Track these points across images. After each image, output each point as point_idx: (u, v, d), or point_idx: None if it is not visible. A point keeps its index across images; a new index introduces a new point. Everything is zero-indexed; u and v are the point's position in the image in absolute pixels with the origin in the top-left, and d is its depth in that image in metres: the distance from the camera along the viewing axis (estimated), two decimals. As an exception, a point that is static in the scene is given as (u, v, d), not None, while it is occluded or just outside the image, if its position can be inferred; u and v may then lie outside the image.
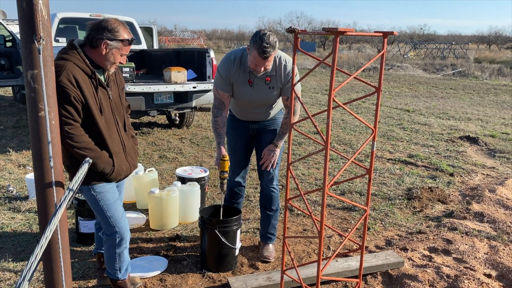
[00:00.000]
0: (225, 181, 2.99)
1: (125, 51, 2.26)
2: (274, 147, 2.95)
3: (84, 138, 2.18)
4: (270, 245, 3.22)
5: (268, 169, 3.01)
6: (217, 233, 2.85)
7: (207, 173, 4.01)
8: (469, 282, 2.77)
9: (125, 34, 2.22)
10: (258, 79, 2.83)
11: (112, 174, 2.32)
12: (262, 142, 3.07)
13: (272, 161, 2.96)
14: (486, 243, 3.40)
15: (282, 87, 2.86)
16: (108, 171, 2.29)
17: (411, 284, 2.78)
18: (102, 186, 2.34)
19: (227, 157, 2.91)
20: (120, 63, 2.29)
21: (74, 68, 2.11)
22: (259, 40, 2.56)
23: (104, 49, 2.19)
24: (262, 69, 2.69)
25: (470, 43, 40.30)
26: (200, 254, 3.05)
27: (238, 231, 2.97)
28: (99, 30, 2.17)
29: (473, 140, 6.87)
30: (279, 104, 3.05)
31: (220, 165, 2.92)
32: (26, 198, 4.11)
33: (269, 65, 2.70)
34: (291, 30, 1.76)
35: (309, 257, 3.22)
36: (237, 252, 3.01)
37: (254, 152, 3.22)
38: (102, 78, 2.29)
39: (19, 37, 1.87)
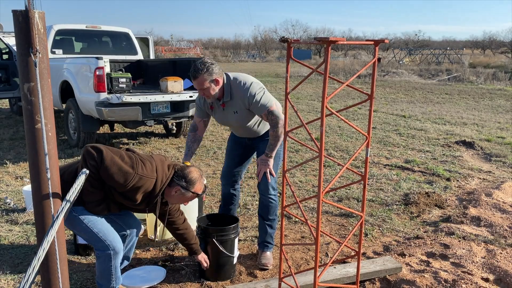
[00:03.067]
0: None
1: (190, 200, 2.58)
2: (266, 157, 2.97)
3: (95, 198, 2.42)
4: (268, 252, 3.22)
5: (260, 180, 3.05)
6: (215, 241, 2.85)
7: (205, 182, 4.01)
8: (466, 286, 2.78)
9: (198, 189, 2.52)
10: (217, 105, 2.99)
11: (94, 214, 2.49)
12: (259, 152, 3.14)
13: (265, 170, 2.98)
14: (484, 247, 3.41)
15: (249, 107, 2.90)
16: (96, 212, 2.47)
17: (409, 289, 2.79)
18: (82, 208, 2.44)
19: None
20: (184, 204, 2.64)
21: (152, 183, 2.38)
22: (192, 65, 2.81)
23: (175, 193, 2.46)
24: (201, 93, 2.86)
25: (464, 48, 40.63)
26: (198, 263, 3.05)
27: (236, 240, 2.98)
28: (179, 176, 2.45)
29: (469, 145, 6.91)
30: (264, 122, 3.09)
31: None
32: (23, 210, 4.10)
33: (208, 91, 2.80)
34: (284, 40, 1.79)
35: (307, 264, 3.23)
36: (235, 260, 3.01)
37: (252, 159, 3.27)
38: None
39: (15, 50, 1.90)
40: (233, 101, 2.91)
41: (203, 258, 2.85)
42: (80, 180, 1.94)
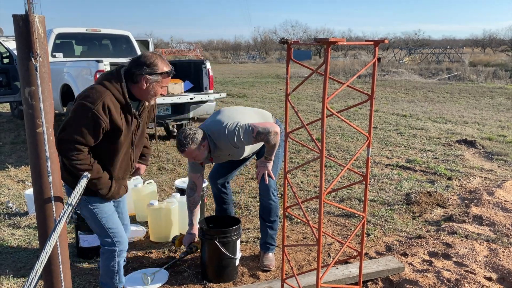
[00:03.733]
0: (187, 254, 3.17)
1: (165, 83, 2.34)
2: (265, 160, 2.96)
3: (88, 161, 2.22)
4: (270, 254, 3.23)
5: (259, 182, 3.05)
6: (217, 243, 2.85)
7: (206, 183, 4.02)
8: (469, 286, 2.78)
9: (164, 67, 2.29)
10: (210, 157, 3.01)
11: (107, 196, 2.37)
12: (259, 155, 3.16)
13: (264, 172, 2.97)
14: (486, 246, 3.41)
15: (240, 147, 2.90)
16: (104, 193, 2.35)
17: (412, 289, 2.78)
18: (99, 199, 2.38)
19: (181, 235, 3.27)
20: (162, 94, 2.40)
21: (111, 99, 2.17)
22: (177, 136, 2.79)
23: (145, 84, 2.27)
24: (193, 160, 2.88)
25: (464, 47, 40.59)
26: (201, 265, 3.05)
27: (238, 241, 2.98)
28: (138, 66, 2.25)
29: (470, 144, 6.90)
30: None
31: (175, 243, 3.29)
32: (25, 214, 4.11)
33: (195, 157, 2.82)
34: (284, 42, 1.79)
35: (310, 265, 3.23)
36: (237, 262, 3.01)
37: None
38: (135, 109, 2.36)
39: (16, 53, 1.90)
40: (221, 149, 2.93)
41: (143, 168, 2.76)
42: (82, 184, 1.94)
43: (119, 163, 2.36)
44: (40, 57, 1.69)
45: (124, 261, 2.62)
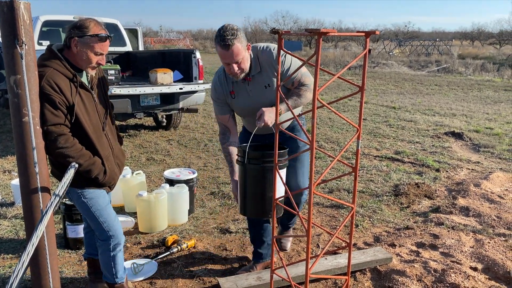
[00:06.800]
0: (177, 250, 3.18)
1: (99, 49, 2.15)
2: (272, 108, 2.40)
3: (77, 147, 2.16)
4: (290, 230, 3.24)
5: (261, 124, 2.41)
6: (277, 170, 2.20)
7: (195, 174, 4.00)
8: (455, 276, 2.82)
9: (96, 30, 2.12)
10: (241, 86, 2.54)
11: (105, 179, 2.31)
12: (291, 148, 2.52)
13: (265, 118, 2.38)
14: (472, 237, 3.46)
15: (281, 77, 2.42)
16: (102, 177, 2.28)
17: (399, 279, 2.82)
18: (93, 192, 2.32)
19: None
20: (98, 64, 2.20)
21: (54, 73, 2.07)
22: (217, 33, 2.32)
23: (75, 47, 2.12)
24: (236, 68, 2.37)
25: (453, 40, 40.88)
26: (241, 198, 2.45)
27: (285, 170, 2.41)
28: (70, 29, 2.13)
29: (458, 136, 6.97)
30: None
31: (165, 242, 3.24)
32: (12, 204, 4.06)
33: (241, 61, 2.35)
34: (275, 31, 1.77)
35: (299, 255, 3.24)
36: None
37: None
38: (85, 81, 2.27)
39: (0, 42, 1.85)
40: (262, 73, 2.48)
41: None
42: (69, 174, 1.92)
43: (98, 141, 2.27)
44: (25, 44, 1.65)
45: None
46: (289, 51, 2.05)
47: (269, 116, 2.38)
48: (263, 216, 2.46)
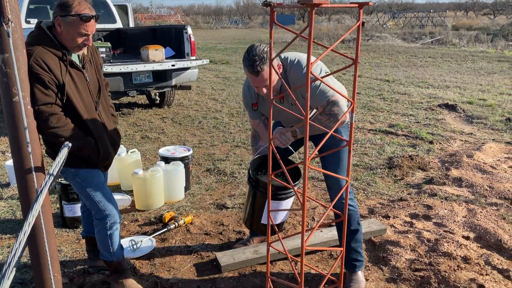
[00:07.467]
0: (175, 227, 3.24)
1: (83, 30, 2.06)
2: (291, 131, 2.37)
3: (70, 126, 2.13)
4: (359, 272, 2.60)
5: (277, 144, 2.41)
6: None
7: (191, 151, 4.00)
8: (448, 245, 2.88)
9: (80, 9, 2.03)
10: (266, 99, 2.37)
11: (99, 159, 2.30)
12: (321, 148, 2.44)
13: (279, 138, 2.39)
14: (465, 207, 3.52)
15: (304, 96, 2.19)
16: (95, 157, 2.27)
17: (393, 249, 2.88)
18: (87, 171, 2.31)
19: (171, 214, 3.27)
20: (84, 44, 2.12)
21: (42, 52, 2.02)
22: (246, 55, 2.20)
23: (59, 27, 2.06)
24: (265, 90, 2.24)
25: (448, 11, 40.46)
26: (248, 217, 2.66)
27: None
28: (55, 8, 2.07)
29: (451, 108, 6.99)
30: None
31: (162, 219, 3.30)
32: (7, 185, 4.05)
33: (274, 81, 2.24)
34: (266, 4, 1.74)
35: (295, 228, 3.29)
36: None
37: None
38: (76, 60, 2.23)
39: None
40: (291, 89, 2.22)
41: None
42: (63, 154, 1.91)
43: (91, 120, 2.24)
44: (12, 22, 1.61)
45: None
46: (284, 23, 2.01)
47: (280, 141, 2.38)
48: (266, 235, 2.41)
